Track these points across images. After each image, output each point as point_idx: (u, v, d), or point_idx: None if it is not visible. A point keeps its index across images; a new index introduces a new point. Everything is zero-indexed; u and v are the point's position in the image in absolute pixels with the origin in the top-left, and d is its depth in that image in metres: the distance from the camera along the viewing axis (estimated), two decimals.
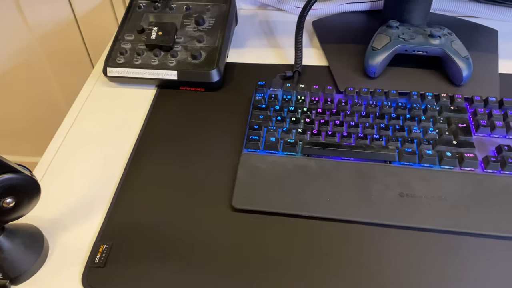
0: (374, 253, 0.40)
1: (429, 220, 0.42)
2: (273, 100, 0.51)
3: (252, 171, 0.45)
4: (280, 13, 0.71)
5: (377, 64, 0.55)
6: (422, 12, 0.61)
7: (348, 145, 0.46)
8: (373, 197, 0.43)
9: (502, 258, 0.40)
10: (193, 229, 0.42)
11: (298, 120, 0.49)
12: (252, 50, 0.64)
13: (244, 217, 0.43)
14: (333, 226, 0.42)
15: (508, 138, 0.48)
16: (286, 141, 0.47)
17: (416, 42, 0.55)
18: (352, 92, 0.52)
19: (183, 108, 0.54)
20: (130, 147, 0.50)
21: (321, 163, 0.46)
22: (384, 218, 0.42)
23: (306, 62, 0.61)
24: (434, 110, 0.49)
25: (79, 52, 0.82)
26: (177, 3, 0.62)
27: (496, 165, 0.44)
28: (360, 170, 0.45)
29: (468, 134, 0.47)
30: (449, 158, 0.45)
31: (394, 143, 0.47)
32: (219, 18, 0.60)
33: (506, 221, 0.41)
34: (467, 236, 0.41)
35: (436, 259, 0.40)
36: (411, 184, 0.44)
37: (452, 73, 0.55)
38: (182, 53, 0.57)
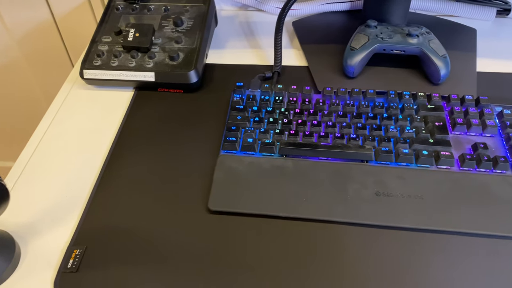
0: (349, 252, 0.40)
1: (405, 218, 0.42)
2: (251, 101, 0.51)
3: (229, 173, 0.45)
4: (261, 14, 0.71)
5: (355, 63, 0.55)
6: (401, 12, 0.61)
7: (325, 145, 0.46)
8: (349, 196, 0.43)
9: (478, 255, 0.40)
10: (168, 232, 0.42)
11: (276, 121, 0.49)
12: (232, 51, 0.64)
13: (220, 219, 0.43)
14: (310, 226, 0.42)
15: (484, 136, 0.48)
16: (264, 141, 0.47)
17: (394, 41, 0.55)
18: (330, 92, 0.52)
19: (161, 110, 0.54)
20: (106, 150, 0.50)
21: (298, 163, 0.46)
22: (360, 217, 0.42)
23: (286, 63, 0.61)
24: (411, 109, 0.50)
25: (59, 54, 0.81)
26: (156, 4, 0.62)
27: (471, 163, 0.45)
28: (337, 170, 0.45)
29: (445, 132, 0.47)
30: (426, 156, 0.45)
31: (370, 143, 0.47)
32: (197, 19, 0.60)
33: (482, 218, 0.41)
34: (443, 234, 0.41)
35: (413, 258, 0.40)
36: (388, 183, 0.44)
37: (430, 72, 0.56)
38: (160, 54, 0.56)
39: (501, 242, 0.41)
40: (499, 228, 0.41)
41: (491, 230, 0.41)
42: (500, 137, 0.48)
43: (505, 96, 0.55)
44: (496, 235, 0.41)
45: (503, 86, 0.56)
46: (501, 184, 0.44)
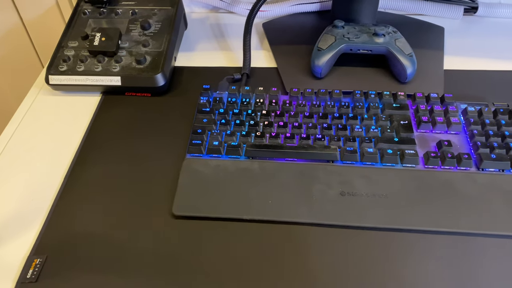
0: (314, 253, 0.40)
1: (369, 218, 0.42)
2: (218, 103, 0.51)
3: (194, 176, 0.45)
4: (231, 16, 0.70)
5: (322, 64, 0.55)
6: (370, 11, 0.62)
7: (291, 146, 0.46)
8: (314, 197, 0.43)
9: (443, 254, 0.40)
10: (133, 238, 0.41)
11: (243, 123, 0.49)
12: (202, 53, 0.63)
13: (185, 223, 0.42)
14: (274, 228, 0.42)
15: (449, 133, 0.48)
16: (230, 144, 0.46)
17: (360, 41, 0.55)
18: (297, 93, 0.52)
19: (128, 114, 0.53)
20: (71, 156, 0.49)
21: (264, 165, 0.46)
22: (324, 218, 0.42)
23: (255, 64, 0.61)
24: (377, 108, 0.50)
25: (30, 59, 0.80)
26: (123, 8, 0.61)
27: (436, 160, 0.45)
28: (303, 171, 0.45)
29: (410, 131, 0.47)
30: (390, 155, 0.45)
31: (336, 143, 0.47)
32: (165, 22, 0.60)
33: (446, 216, 0.42)
34: (407, 233, 0.41)
35: (377, 257, 0.40)
36: (352, 182, 0.44)
37: (397, 71, 0.56)
38: (127, 58, 0.56)
39: (465, 239, 0.41)
40: (463, 225, 0.41)
41: (454, 228, 0.41)
42: (464, 134, 0.48)
43: (471, 93, 0.55)
44: (459, 232, 0.41)
45: (470, 83, 0.57)
46: (465, 181, 0.44)
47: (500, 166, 0.44)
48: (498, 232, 0.41)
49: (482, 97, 0.55)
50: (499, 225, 0.41)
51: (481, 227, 0.41)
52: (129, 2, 0.62)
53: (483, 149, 0.45)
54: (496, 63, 0.60)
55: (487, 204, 0.42)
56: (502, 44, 0.63)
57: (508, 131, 0.47)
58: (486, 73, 0.58)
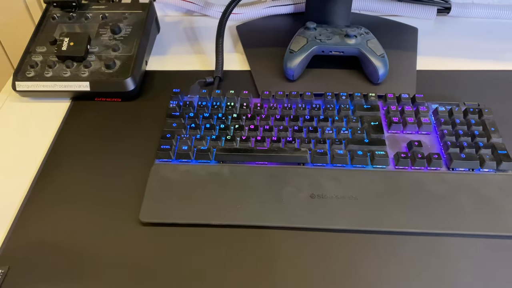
0: (284, 257, 0.40)
1: (339, 220, 0.41)
2: (188, 107, 0.50)
3: (162, 182, 0.44)
4: (205, 19, 0.70)
5: (295, 66, 0.55)
6: (343, 13, 0.62)
7: (262, 150, 0.46)
8: (284, 200, 0.43)
9: (413, 254, 0.40)
10: (100, 247, 0.41)
11: (213, 127, 0.48)
12: (175, 57, 0.63)
13: (152, 230, 0.41)
14: (244, 233, 0.41)
15: (420, 133, 0.48)
16: (199, 148, 0.46)
17: (332, 42, 0.55)
18: (268, 96, 0.51)
19: (98, 120, 0.52)
20: (38, 164, 0.48)
21: (234, 169, 0.45)
22: (294, 221, 0.41)
23: (229, 67, 0.60)
24: (348, 110, 0.50)
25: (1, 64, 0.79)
26: (94, 12, 0.60)
27: (406, 161, 0.45)
28: (273, 174, 0.45)
29: (380, 132, 0.47)
30: (360, 156, 0.45)
31: (306, 145, 0.46)
32: (136, 26, 0.59)
33: (416, 217, 0.41)
34: (377, 234, 0.41)
35: (347, 260, 0.39)
36: (323, 185, 0.44)
37: (369, 72, 0.56)
38: (96, 63, 0.55)
39: (435, 240, 0.41)
40: (432, 225, 0.41)
41: (424, 228, 0.41)
42: (435, 134, 0.48)
43: (443, 93, 0.56)
44: (429, 233, 0.41)
45: (442, 83, 0.57)
46: (435, 181, 0.44)
47: (469, 166, 0.44)
48: (467, 231, 0.41)
49: (454, 97, 0.55)
50: (469, 224, 0.41)
51: (451, 227, 0.41)
52: (99, 6, 0.61)
53: (453, 149, 0.45)
54: (469, 63, 0.60)
55: (457, 203, 0.42)
56: (474, 44, 0.64)
57: (477, 131, 0.47)
58: (459, 73, 0.59)
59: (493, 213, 0.41)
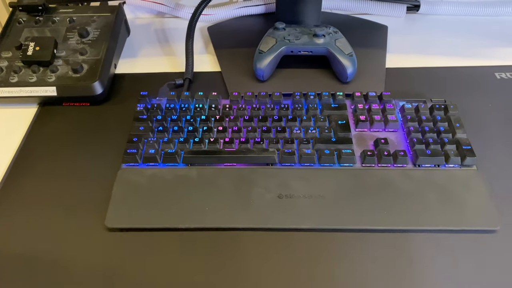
0: (252, 258, 0.40)
1: (306, 219, 0.41)
2: (156, 110, 0.50)
3: (129, 187, 0.44)
4: (177, 20, 0.69)
5: (264, 67, 0.55)
6: (314, 13, 0.62)
7: (230, 151, 0.46)
8: (252, 201, 0.43)
9: (380, 252, 0.40)
10: (66, 254, 0.40)
11: (181, 129, 0.48)
12: (145, 59, 0.62)
13: (119, 236, 0.41)
14: (212, 235, 0.41)
15: (387, 131, 0.49)
16: (166, 151, 0.45)
17: (300, 42, 0.55)
18: (237, 97, 0.51)
19: (65, 125, 0.52)
20: (2, 171, 0.47)
21: (202, 171, 0.45)
22: (262, 222, 0.41)
23: (200, 69, 0.60)
24: (316, 109, 0.50)
25: None
26: (61, 16, 0.60)
27: (372, 159, 0.45)
28: (241, 175, 0.45)
29: (347, 130, 0.47)
30: (327, 155, 0.45)
31: (275, 145, 0.46)
32: (104, 29, 0.58)
33: (382, 214, 0.42)
34: (345, 232, 0.41)
35: (314, 259, 0.40)
36: (291, 184, 0.44)
37: (338, 71, 0.56)
38: (63, 67, 0.54)
39: (402, 236, 0.41)
40: (399, 222, 0.41)
41: (391, 225, 0.41)
42: (402, 131, 0.49)
43: (412, 90, 0.56)
44: (396, 230, 0.41)
45: (411, 80, 0.58)
46: (401, 178, 0.44)
47: (435, 162, 0.45)
48: (433, 227, 0.41)
49: (422, 94, 0.55)
50: (435, 220, 0.41)
51: (418, 223, 0.41)
52: (67, 9, 0.60)
53: (418, 146, 0.46)
54: (438, 60, 0.61)
55: (422, 200, 0.43)
56: (443, 41, 0.64)
57: (443, 127, 0.47)
58: (428, 70, 0.59)
59: (458, 208, 0.42)
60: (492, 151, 0.48)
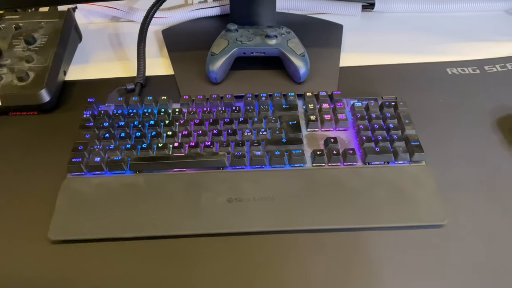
0: (202, 264, 0.39)
1: (256, 222, 0.41)
2: (103, 116, 0.49)
3: (74, 197, 0.42)
4: (131, 24, 0.68)
5: (217, 69, 0.55)
6: (268, 13, 0.62)
7: (179, 156, 0.45)
8: (201, 207, 0.42)
9: (332, 251, 0.40)
10: (10, 268, 0.39)
11: (129, 136, 0.47)
12: (97, 65, 0.61)
13: (64, 248, 0.40)
14: (159, 243, 0.40)
15: (337, 130, 0.49)
16: (112, 159, 0.44)
17: (253, 44, 0.55)
18: (188, 100, 0.51)
19: (11, 136, 0.50)
20: None
21: (150, 178, 0.44)
22: (211, 227, 0.41)
23: (153, 73, 0.59)
24: (267, 111, 0.49)
25: None
26: (6, 23, 0.58)
27: (322, 158, 0.45)
28: (191, 181, 0.44)
29: (298, 130, 0.47)
30: (278, 157, 0.45)
31: (225, 148, 0.46)
32: (52, 35, 0.57)
33: (333, 213, 0.42)
34: (295, 233, 0.41)
35: (267, 262, 0.39)
36: (241, 187, 0.43)
37: (291, 72, 0.56)
38: (8, 76, 0.52)
39: (352, 235, 0.41)
40: (349, 221, 0.41)
41: (341, 224, 0.41)
42: (352, 130, 0.49)
43: (365, 88, 0.56)
44: (346, 228, 0.41)
45: (365, 79, 0.58)
46: (351, 177, 0.44)
47: (384, 159, 0.45)
48: (383, 224, 0.41)
49: (376, 92, 0.56)
50: (384, 217, 0.41)
51: (367, 221, 0.41)
52: (13, 16, 0.59)
53: (367, 143, 0.46)
54: (392, 57, 0.61)
55: (372, 197, 0.43)
56: (398, 38, 0.65)
57: (392, 124, 0.48)
58: (381, 68, 0.60)
59: (407, 205, 0.42)
60: (441, 146, 0.48)
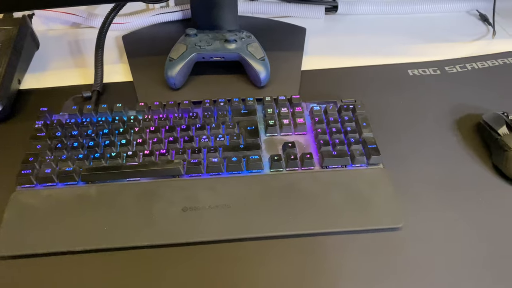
0: (156, 277, 0.38)
1: (211, 231, 0.40)
2: (55, 126, 0.47)
3: (23, 210, 0.41)
4: (92, 31, 0.67)
5: (175, 74, 0.54)
6: (230, 17, 0.61)
7: (132, 165, 0.44)
8: (154, 217, 0.41)
9: (289, 257, 0.39)
10: None
11: (81, 145, 0.45)
12: (55, 72, 0.59)
13: (11, 264, 0.38)
14: (111, 256, 0.39)
15: (296, 134, 0.48)
16: (63, 170, 0.43)
17: (212, 48, 0.54)
18: (144, 107, 0.50)
19: None
20: None
21: (102, 188, 0.43)
22: (164, 238, 0.40)
23: (112, 79, 0.58)
24: (225, 116, 0.49)
25: None
26: None
27: (279, 163, 0.44)
28: (145, 190, 0.43)
29: (255, 136, 0.47)
30: (235, 163, 0.44)
31: (181, 156, 0.45)
32: (6, 43, 0.55)
33: (289, 219, 0.41)
34: (251, 241, 0.40)
35: (222, 272, 0.38)
36: (197, 196, 0.42)
37: (252, 76, 0.55)
38: None
39: (309, 240, 0.40)
40: (305, 226, 0.41)
41: (297, 230, 0.40)
42: (311, 134, 0.48)
43: (326, 91, 0.56)
44: (303, 234, 0.41)
45: (326, 82, 0.58)
46: (308, 181, 0.44)
47: (341, 162, 0.45)
48: (340, 229, 0.41)
49: (337, 95, 0.55)
50: (341, 222, 0.41)
51: (324, 226, 0.41)
52: None
53: (325, 147, 0.45)
54: (354, 59, 0.61)
55: (329, 202, 0.42)
56: (360, 40, 0.65)
57: (350, 127, 0.47)
58: (344, 70, 0.60)
59: (363, 208, 0.42)
60: (400, 148, 0.48)
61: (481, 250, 0.40)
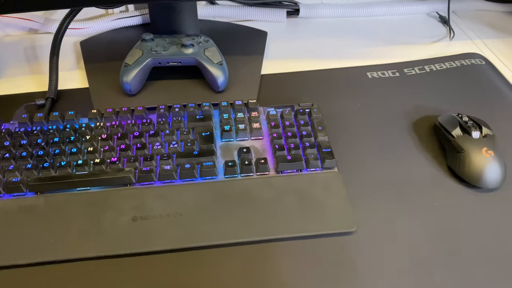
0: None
1: (161, 241, 0.39)
2: (4, 135, 0.46)
3: None
4: (49, 36, 0.64)
5: (131, 80, 0.53)
6: (189, 22, 0.60)
7: (81, 175, 0.43)
8: (103, 227, 0.40)
9: (241, 265, 0.38)
10: None
11: (30, 155, 0.44)
12: (9, 79, 0.58)
13: None
14: (58, 268, 0.38)
15: (252, 139, 0.48)
16: (10, 181, 0.42)
17: (168, 53, 0.54)
18: (96, 114, 0.49)
19: None
20: None
21: (51, 199, 0.42)
22: (112, 248, 0.39)
23: (68, 86, 0.57)
24: (180, 122, 0.48)
25: None
26: None
27: (233, 169, 0.44)
28: (94, 200, 0.42)
29: (210, 142, 0.46)
30: (188, 170, 0.43)
31: (132, 164, 0.44)
32: None
33: (242, 225, 0.40)
34: (203, 249, 0.39)
35: (173, 282, 0.38)
36: (148, 205, 0.42)
37: (210, 81, 0.55)
38: None
39: (262, 247, 0.40)
40: (258, 233, 0.40)
41: (249, 237, 0.40)
42: (267, 139, 0.48)
43: (285, 96, 0.56)
44: (256, 241, 0.40)
45: (285, 85, 0.57)
46: (262, 187, 0.43)
47: (296, 167, 0.44)
48: (293, 234, 0.40)
49: (296, 99, 0.55)
50: (294, 227, 0.41)
51: (276, 232, 0.40)
52: None
53: (280, 152, 0.45)
54: (314, 63, 0.61)
55: (283, 207, 0.42)
56: (321, 44, 0.65)
57: (305, 131, 0.47)
58: (303, 74, 0.59)
59: (316, 213, 0.41)
60: (356, 151, 0.48)
61: (435, 253, 0.40)
